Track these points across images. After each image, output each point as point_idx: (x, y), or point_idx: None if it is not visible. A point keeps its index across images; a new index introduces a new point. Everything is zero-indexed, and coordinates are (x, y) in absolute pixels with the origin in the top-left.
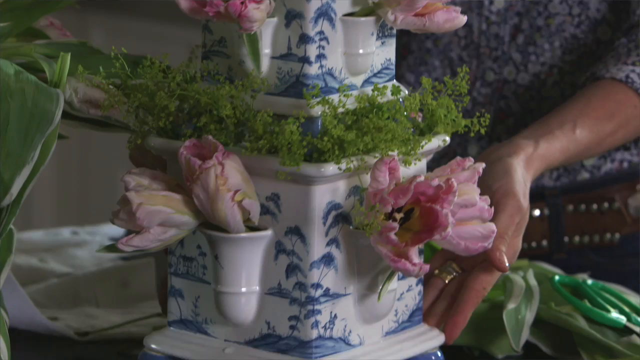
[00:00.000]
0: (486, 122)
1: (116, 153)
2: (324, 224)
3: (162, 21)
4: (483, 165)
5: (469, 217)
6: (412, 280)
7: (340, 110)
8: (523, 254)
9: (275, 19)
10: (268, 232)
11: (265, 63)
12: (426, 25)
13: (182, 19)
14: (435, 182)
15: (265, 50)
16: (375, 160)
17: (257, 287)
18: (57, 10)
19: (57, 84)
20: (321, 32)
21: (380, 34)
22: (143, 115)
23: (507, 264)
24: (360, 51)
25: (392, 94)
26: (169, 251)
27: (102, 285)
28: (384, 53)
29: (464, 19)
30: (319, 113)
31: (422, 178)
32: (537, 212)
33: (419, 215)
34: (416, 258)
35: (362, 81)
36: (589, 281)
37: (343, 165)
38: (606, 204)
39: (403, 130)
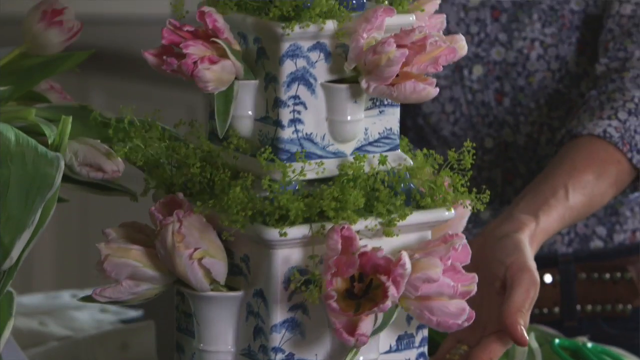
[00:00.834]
0: (486, 198)
1: (116, 216)
2: (286, 288)
3: (162, 83)
4: (462, 241)
5: (435, 293)
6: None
7: (311, 176)
8: (534, 320)
9: (255, 82)
10: (237, 293)
11: (247, 125)
12: (394, 96)
13: (183, 81)
14: (381, 253)
15: (248, 112)
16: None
17: (232, 347)
18: (57, 74)
19: (57, 147)
20: (296, 97)
21: (377, 102)
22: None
23: (527, 338)
24: (345, 118)
25: (380, 163)
26: (175, 306)
27: (102, 348)
28: (383, 122)
29: (433, 91)
30: (279, 177)
31: (367, 248)
32: (549, 279)
33: (375, 286)
34: (364, 328)
35: (353, 149)
36: (589, 344)
37: (293, 231)
38: (619, 274)
39: (378, 200)
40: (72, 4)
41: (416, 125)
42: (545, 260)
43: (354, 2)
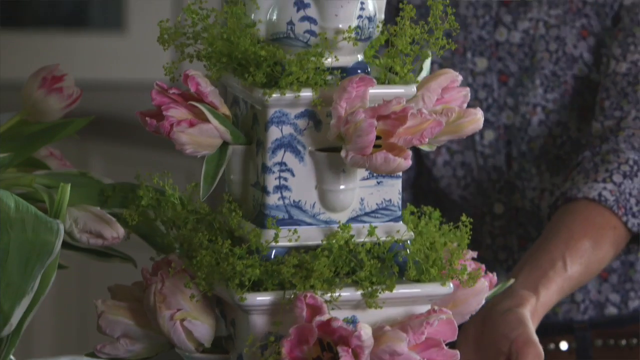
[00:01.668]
0: (479, 274)
1: (116, 282)
2: (262, 353)
3: (162, 149)
4: (441, 317)
5: None
6: None
7: (284, 243)
8: None
9: (242, 147)
10: (218, 357)
11: (237, 189)
12: (367, 166)
13: None
14: (338, 323)
15: (237, 176)
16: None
17: None
18: (57, 141)
19: (57, 214)
20: (282, 164)
21: (375, 173)
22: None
23: None
24: (332, 186)
25: (369, 234)
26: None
27: None
28: (381, 193)
29: (404, 164)
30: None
31: (323, 317)
32: (565, 346)
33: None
34: None
35: (348, 218)
36: None
37: (258, 297)
38: (635, 340)
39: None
40: (72, 70)
41: (427, 189)
42: (561, 328)
43: (358, 70)
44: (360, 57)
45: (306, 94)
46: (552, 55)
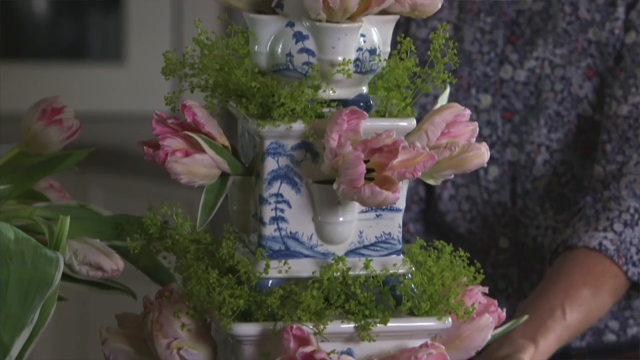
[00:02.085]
0: (472, 311)
1: (115, 313)
2: None
3: (161, 180)
4: (430, 351)
5: None
6: None
7: (274, 274)
8: None
9: (239, 178)
10: None
11: (235, 219)
12: (356, 198)
13: None
14: (321, 355)
15: (234, 206)
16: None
17: None
18: (56, 173)
19: (56, 246)
20: (278, 195)
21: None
22: None
23: None
24: (329, 219)
25: (364, 267)
26: None
27: None
28: (380, 226)
29: (392, 197)
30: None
31: (307, 349)
32: None
33: None
34: None
35: (346, 251)
36: None
37: (246, 327)
38: None
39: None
40: (72, 102)
41: (435, 222)
42: (559, 354)
43: (360, 102)
44: (364, 90)
45: (299, 125)
46: (557, 95)
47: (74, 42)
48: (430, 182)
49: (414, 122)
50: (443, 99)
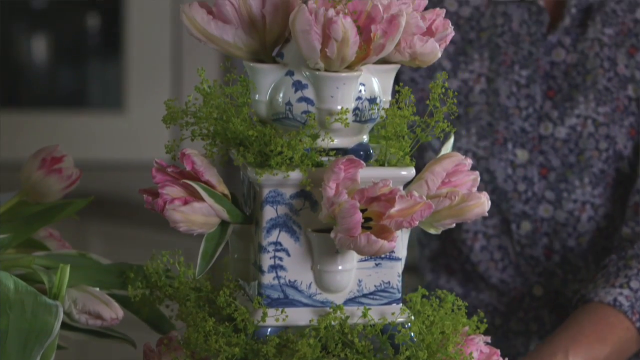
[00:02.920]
0: (470, 357)
1: None
2: None
3: (161, 228)
4: None
5: None
6: None
7: (271, 322)
8: None
9: (238, 226)
10: None
11: (234, 267)
12: (352, 247)
13: None
14: None
15: (234, 255)
16: None
17: None
18: (56, 222)
19: (56, 295)
20: (277, 243)
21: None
22: None
23: None
24: (328, 267)
25: (363, 316)
26: None
27: None
28: (380, 275)
29: (387, 246)
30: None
31: None
32: None
33: None
34: None
35: (345, 299)
36: None
37: None
38: None
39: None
40: (71, 150)
41: (464, 270)
42: None
43: (360, 151)
44: (365, 138)
45: (296, 174)
46: (602, 153)
47: (74, 90)
48: (431, 231)
49: (413, 171)
50: (447, 147)
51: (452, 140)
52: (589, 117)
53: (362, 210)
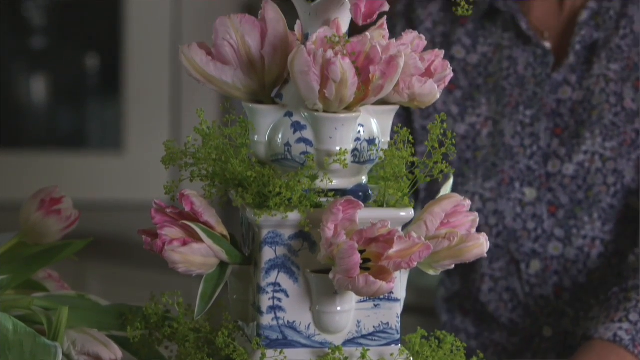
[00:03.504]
0: None
1: None
2: None
3: (160, 270)
4: None
5: None
6: None
7: None
8: None
9: (236, 267)
10: None
11: (233, 307)
12: (350, 289)
13: None
14: None
15: (234, 295)
16: None
17: None
18: (55, 263)
19: (55, 337)
20: (276, 284)
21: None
22: None
23: None
24: (327, 309)
25: (362, 357)
26: None
27: None
28: (378, 316)
29: (386, 287)
30: None
31: None
32: None
33: None
34: None
35: (344, 340)
36: None
37: None
38: None
39: None
40: (70, 191)
41: (476, 310)
42: None
43: (359, 192)
44: (364, 179)
45: (295, 215)
46: (610, 188)
47: (73, 130)
48: (430, 272)
49: (411, 212)
50: (446, 189)
51: (451, 181)
52: (596, 152)
53: (361, 251)
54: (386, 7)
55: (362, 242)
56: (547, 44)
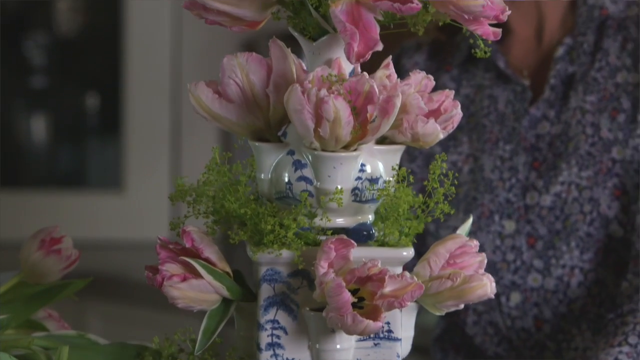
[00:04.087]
0: None
1: None
2: None
3: (160, 309)
4: None
5: None
6: None
7: None
8: None
9: (246, 304)
10: None
11: (243, 345)
12: (340, 326)
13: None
14: None
15: (240, 332)
16: None
17: None
18: (55, 302)
19: None
20: (275, 321)
21: (372, 334)
22: None
23: None
24: (326, 347)
25: None
26: None
27: None
28: (378, 355)
29: (373, 326)
30: None
31: None
32: None
33: None
34: None
35: None
36: None
37: None
38: None
39: None
40: (70, 230)
41: (466, 345)
42: None
43: (363, 231)
44: (370, 218)
45: (288, 253)
46: (587, 216)
47: (73, 169)
48: (435, 312)
49: (411, 251)
50: (464, 228)
51: (470, 221)
52: (572, 182)
53: (356, 290)
54: (380, 47)
55: (355, 280)
56: (526, 81)
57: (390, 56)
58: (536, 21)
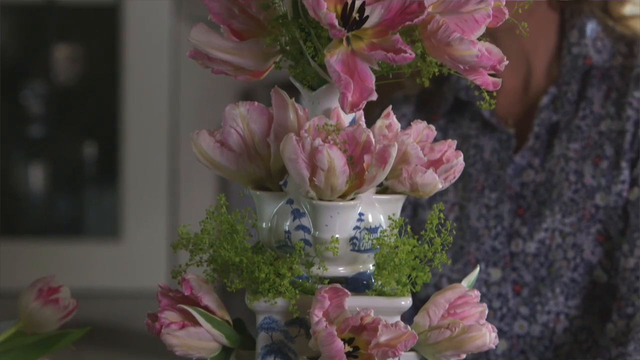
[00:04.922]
0: None
1: None
2: None
3: (159, 357)
4: None
5: None
6: None
7: None
8: None
9: (246, 352)
10: None
11: None
12: None
13: (176, 356)
14: None
15: None
16: None
17: None
18: (53, 352)
19: None
20: None
21: None
22: None
23: None
24: None
25: None
26: None
27: None
28: None
29: None
30: None
31: None
32: None
33: None
34: None
35: None
36: None
37: None
38: None
39: None
40: (68, 279)
41: None
42: None
43: (363, 280)
44: (371, 267)
45: (283, 301)
46: (570, 262)
47: (71, 218)
48: (430, 359)
49: (409, 300)
50: (470, 279)
51: (476, 272)
52: (556, 229)
53: (351, 339)
54: (374, 97)
55: (349, 329)
56: (511, 130)
57: (391, 106)
58: (524, 72)
